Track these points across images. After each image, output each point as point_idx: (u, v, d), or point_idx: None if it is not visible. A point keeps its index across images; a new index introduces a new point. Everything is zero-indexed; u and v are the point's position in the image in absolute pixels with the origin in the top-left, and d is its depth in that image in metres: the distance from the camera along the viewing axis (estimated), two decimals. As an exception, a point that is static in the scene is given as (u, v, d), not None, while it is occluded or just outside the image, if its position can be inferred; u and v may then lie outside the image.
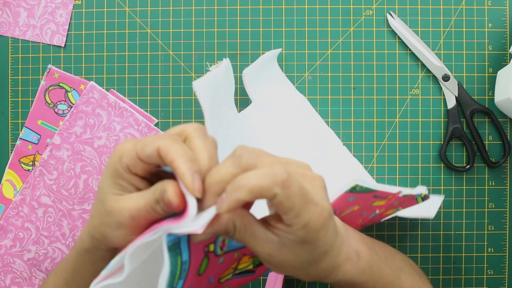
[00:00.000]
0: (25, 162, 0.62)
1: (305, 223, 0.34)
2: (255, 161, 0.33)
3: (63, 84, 0.62)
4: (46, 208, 0.62)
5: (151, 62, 0.62)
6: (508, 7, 0.60)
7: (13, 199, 0.62)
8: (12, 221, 0.62)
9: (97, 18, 0.62)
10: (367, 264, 0.41)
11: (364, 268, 0.41)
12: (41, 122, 0.62)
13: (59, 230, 0.62)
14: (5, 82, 0.63)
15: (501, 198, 0.61)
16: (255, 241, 0.35)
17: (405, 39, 0.60)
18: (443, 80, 0.60)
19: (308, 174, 0.36)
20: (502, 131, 0.60)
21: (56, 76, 0.62)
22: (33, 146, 0.62)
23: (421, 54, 0.60)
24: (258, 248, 0.36)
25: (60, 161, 0.61)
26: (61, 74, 0.62)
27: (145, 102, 0.62)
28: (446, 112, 0.61)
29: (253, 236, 0.35)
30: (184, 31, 0.62)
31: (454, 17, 0.61)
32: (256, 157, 0.33)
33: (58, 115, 0.62)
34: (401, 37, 0.60)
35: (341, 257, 0.39)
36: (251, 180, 0.32)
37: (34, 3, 0.62)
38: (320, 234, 0.35)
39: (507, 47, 0.61)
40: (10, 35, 0.63)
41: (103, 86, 0.62)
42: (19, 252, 0.62)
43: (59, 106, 0.62)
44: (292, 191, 0.32)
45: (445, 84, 0.60)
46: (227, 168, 0.33)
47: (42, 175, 0.62)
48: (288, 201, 0.33)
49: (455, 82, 0.60)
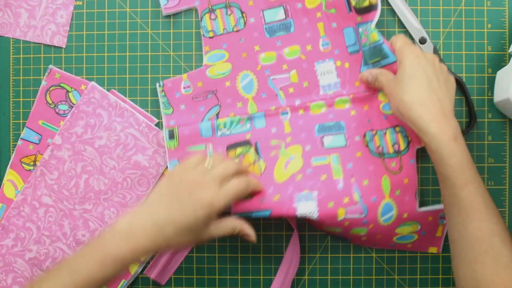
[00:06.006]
0: (26, 162, 0.63)
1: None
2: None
3: (64, 84, 0.62)
4: (47, 208, 0.62)
5: (152, 62, 0.62)
6: (507, 7, 0.61)
7: (14, 199, 0.63)
8: (14, 221, 0.62)
9: (98, 18, 0.63)
10: (461, 154, 0.48)
11: (456, 151, 0.48)
12: (42, 122, 0.62)
13: (60, 229, 0.62)
14: (6, 82, 0.63)
15: (501, 198, 0.61)
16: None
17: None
18: (420, 43, 0.60)
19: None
20: (470, 102, 0.60)
21: (57, 77, 0.62)
22: (34, 146, 0.63)
23: (402, 15, 0.60)
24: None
25: (61, 161, 0.62)
26: (62, 74, 0.62)
27: (146, 103, 0.62)
28: None
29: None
30: (184, 31, 0.62)
31: (454, 17, 0.61)
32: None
33: (59, 115, 0.62)
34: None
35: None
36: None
37: (35, 4, 0.63)
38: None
39: (506, 47, 0.61)
40: (11, 36, 0.63)
41: (104, 86, 0.62)
42: (20, 252, 0.62)
43: (60, 106, 0.62)
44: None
45: (421, 47, 0.60)
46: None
47: (43, 175, 0.62)
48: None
49: (431, 46, 0.60)
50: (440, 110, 0.49)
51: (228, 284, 0.62)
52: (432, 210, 0.58)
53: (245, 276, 0.62)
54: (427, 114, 0.49)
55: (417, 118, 0.49)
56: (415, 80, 0.50)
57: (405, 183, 0.57)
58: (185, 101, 0.60)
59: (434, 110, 0.49)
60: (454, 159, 0.48)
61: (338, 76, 0.59)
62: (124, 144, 0.61)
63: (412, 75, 0.51)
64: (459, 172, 0.48)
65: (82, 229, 0.62)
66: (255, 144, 0.59)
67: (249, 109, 0.60)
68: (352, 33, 0.58)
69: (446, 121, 0.49)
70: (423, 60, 0.51)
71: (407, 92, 0.50)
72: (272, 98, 0.60)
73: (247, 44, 0.60)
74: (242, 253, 0.62)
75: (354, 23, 0.58)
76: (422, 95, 0.50)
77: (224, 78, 0.60)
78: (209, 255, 0.62)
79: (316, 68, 0.59)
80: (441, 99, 0.50)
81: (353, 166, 0.58)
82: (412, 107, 0.50)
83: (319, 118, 0.59)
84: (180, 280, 0.63)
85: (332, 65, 0.59)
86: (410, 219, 0.57)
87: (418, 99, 0.50)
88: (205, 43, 0.60)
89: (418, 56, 0.52)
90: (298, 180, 0.57)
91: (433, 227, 0.59)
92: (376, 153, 0.58)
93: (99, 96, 0.62)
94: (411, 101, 0.50)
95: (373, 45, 0.56)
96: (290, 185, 0.57)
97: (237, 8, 0.60)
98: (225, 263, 0.62)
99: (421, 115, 0.49)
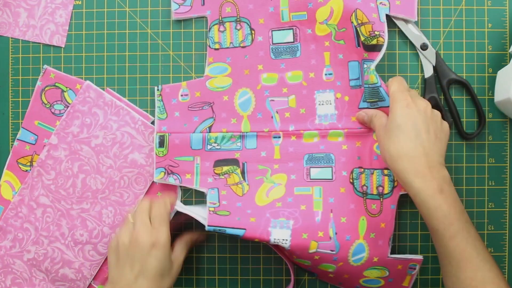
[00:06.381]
0: (23, 163, 0.62)
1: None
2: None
3: (59, 84, 0.62)
4: (44, 208, 0.62)
5: (151, 62, 0.62)
6: (507, 7, 0.60)
7: (11, 200, 0.62)
8: (11, 222, 0.62)
9: (97, 18, 0.62)
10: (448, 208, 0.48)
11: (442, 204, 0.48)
12: (38, 123, 0.62)
13: (58, 230, 0.62)
14: (5, 82, 0.63)
15: (501, 198, 0.61)
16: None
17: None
18: (421, 49, 0.60)
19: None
20: (478, 102, 0.60)
21: (52, 76, 0.62)
22: (30, 147, 0.62)
23: (402, 23, 0.60)
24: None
25: (58, 161, 0.61)
26: (57, 74, 0.62)
27: (145, 102, 0.62)
28: (424, 81, 0.61)
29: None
30: (184, 31, 0.62)
31: (454, 17, 0.61)
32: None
33: (54, 115, 0.62)
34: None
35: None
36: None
37: (34, 4, 0.62)
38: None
39: (507, 47, 0.61)
40: (10, 36, 0.63)
41: (104, 86, 0.62)
42: (18, 253, 0.62)
43: (56, 106, 0.62)
44: None
45: (423, 53, 0.60)
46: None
47: (40, 176, 0.62)
48: None
49: (433, 51, 0.60)
50: (425, 164, 0.49)
51: (228, 284, 0.62)
52: (403, 259, 0.58)
53: (245, 276, 0.62)
54: (411, 168, 0.49)
55: (401, 171, 0.50)
56: (402, 132, 0.50)
57: (381, 227, 0.57)
58: (180, 109, 0.60)
59: (419, 163, 0.49)
60: (441, 212, 0.48)
61: (336, 108, 0.59)
62: (121, 143, 0.61)
63: (400, 126, 0.51)
64: (446, 225, 0.48)
65: (80, 229, 0.61)
66: (242, 164, 0.59)
67: (243, 127, 0.60)
68: (357, 67, 0.58)
69: (431, 174, 0.49)
70: (413, 109, 0.51)
71: (393, 144, 0.50)
72: (267, 120, 0.60)
73: (251, 62, 0.60)
74: (242, 253, 0.62)
75: (360, 58, 0.57)
76: (407, 149, 0.50)
77: (223, 92, 0.60)
78: (209, 255, 0.62)
79: (315, 97, 0.59)
80: (428, 151, 0.50)
81: (335, 201, 0.58)
82: (397, 160, 0.50)
83: (310, 147, 0.59)
84: (180, 280, 0.62)
85: (332, 96, 0.59)
86: (379, 264, 0.57)
87: (403, 153, 0.50)
88: (209, 54, 0.60)
89: (408, 105, 0.51)
90: (277, 207, 0.58)
91: (401, 276, 0.59)
92: (359, 191, 0.58)
93: (95, 95, 0.62)
94: (396, 154, 0.50)
95: (371, 86, 0.56)
96: (268, 211, 0.57)
97: (247, 24, 0.60)
98: (225, 263, 0.62)
99: (405, 169, 0.49)
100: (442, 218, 0.48)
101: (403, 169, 0.49)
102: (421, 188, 0.48)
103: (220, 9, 0.60)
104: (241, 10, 0.60)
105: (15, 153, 0.62)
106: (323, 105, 0.59)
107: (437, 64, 0.60)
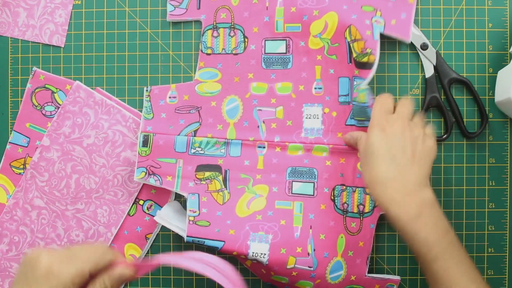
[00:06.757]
0: (16, 166, 0.62)
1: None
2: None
3: (49, 85, 0.62)
4: (39, 210, 0.62)
5: (151, 62, 0.62)
6: (508, 7, 0.60)
7: (6, 203, 0.62)
8: (7, 226, 0.62)
9: (97, 18, 0.62)
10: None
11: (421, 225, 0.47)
12: (30, 125, 0.62)
13: (53, 231, 0.62)
14: (5, 82, 0.63)
15: (501, 198, 0.61)
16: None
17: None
18: (422, 48, 0.60)
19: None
20: (480, 101, 0.60)
21: (42, 78, 0.62)
22: (23, 150, 0.62)
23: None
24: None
25: (51, 163, 0.61)
26: (46, 75, 0.62)
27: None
28: (424, 81, 0.61)
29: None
30: (184, 31, 0.62)
31: (455, 17, 0.61)
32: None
33: (46, 117, 0.62)
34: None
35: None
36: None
37: (33, 3, 0.62)
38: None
39: (507, 47, 0.60)
40: (9, 35, 0.63)
41: (103, 86, 0.62)
42: (15, 256, 0.62)
43: (47, 108, 0.62)
44: None
45: (423, 53, 0.60)
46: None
47: (33, 178, 0.62)
48: None
49: (433, 51, 0.60)
50: (401, 189, 0.49)
51: None
52: (380, 279, 0.58)
53: (245, 276, 0.62)
54: (387, 195, 0.49)
55: (377, 197, 0.49)
56: (376, 157, 0.50)
57: (360, 245, 0.57)
58: (167, 110, 0.60)
59: (394, 190, 0.49)
60: (420, 238, 0.47)
61: (323, 123, 0.59)
62: (112, 141, 0.61)
63: (373, 152, 0.50)
64: (427, 249, 0.48)
65: (75, 229, 0.61)
66: (225, 171, 0.59)
67: (228, 134, 0.60)
68: (347, 83, 0.58)
69: (408, 199, 0.48)
70: (388, 133, 0.50)
71: (368, 169, 0.50)
72: (253, 129, 0.60)
73: (242, 69, 0.60)
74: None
75: (351, 75, 0.57)
76: (382, 175, 0.49)
77: (211, 98, 0.60)
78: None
79: (303, 110, 0.59)
80: (405, 174, 0.49)
81: (315, 217, 0.58)
82: (374, 186, 0.50)
83: (293, 160, 0.59)
84: (180, 280, 0.62)
85: (319, 111, 0.59)
86: (357, 283, 0.57)
87: (377, 179, 0.49)
88: (201, 58, 0.60)
89: (384, 129, 0.50)
90: (257, 220, 0.58)
91: None
92: (340, 209, 0.58)
93: (85, 95, 0.61)
94: (372, 181, 0.50)
95: (360, 105, 0.56)
96: (248, 223, 0.58)
97: (241, 32, 0.60)
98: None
99: (380, 196, 0.49)
100: (421, 243, 0.47)
101: (378, 195, 0.49)
102: (397, 215, 0.48)
103: (215, 15, 0.60)
104: (236, 17, 0.60)
105: (8, 157, 0.62)
106: (310, 119, 0.59)
107: (438, 64, 0.60)
